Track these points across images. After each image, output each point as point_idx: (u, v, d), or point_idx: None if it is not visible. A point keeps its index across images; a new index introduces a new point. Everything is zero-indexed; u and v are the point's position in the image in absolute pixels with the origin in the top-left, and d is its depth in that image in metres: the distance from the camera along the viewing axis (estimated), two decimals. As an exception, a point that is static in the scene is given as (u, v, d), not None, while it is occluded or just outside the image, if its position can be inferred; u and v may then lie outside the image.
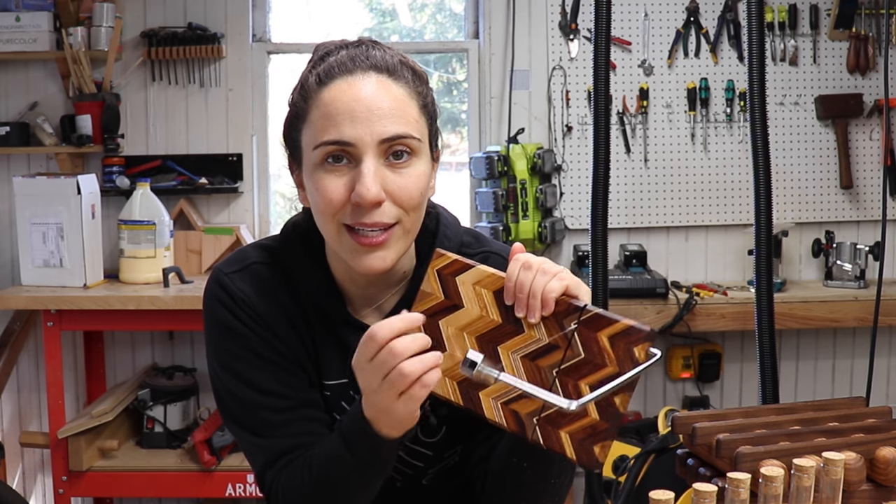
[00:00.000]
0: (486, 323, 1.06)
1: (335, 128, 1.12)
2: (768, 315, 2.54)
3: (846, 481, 1.10)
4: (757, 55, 2.52)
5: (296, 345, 1.24)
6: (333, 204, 1.13)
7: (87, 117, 3.15)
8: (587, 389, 1.00)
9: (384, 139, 1.12)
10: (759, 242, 2.54)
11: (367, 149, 1.12)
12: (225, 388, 1.24)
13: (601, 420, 0.99)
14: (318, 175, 1.14)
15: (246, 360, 1.21)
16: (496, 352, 1.05)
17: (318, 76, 1.16)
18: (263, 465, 1.22)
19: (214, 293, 1.24)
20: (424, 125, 1.19)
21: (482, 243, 1.33)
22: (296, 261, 1.25)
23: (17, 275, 3.12)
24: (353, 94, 1.13)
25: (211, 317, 1.25)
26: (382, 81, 1.15)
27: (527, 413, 1.03)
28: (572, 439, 1.00)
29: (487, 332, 1.06)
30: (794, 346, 3.52)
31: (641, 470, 2.60)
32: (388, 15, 3.71)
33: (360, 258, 1.15)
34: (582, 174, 3.36)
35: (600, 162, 2.51)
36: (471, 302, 1.07)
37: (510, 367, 1.04)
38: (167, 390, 3.10)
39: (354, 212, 1.13)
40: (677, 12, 3.38)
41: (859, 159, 3.44)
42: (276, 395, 1.21)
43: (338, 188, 1.13)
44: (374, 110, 1.12)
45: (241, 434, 1.24)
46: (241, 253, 1.29)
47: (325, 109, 1.14)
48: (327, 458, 1.14)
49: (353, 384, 1.26)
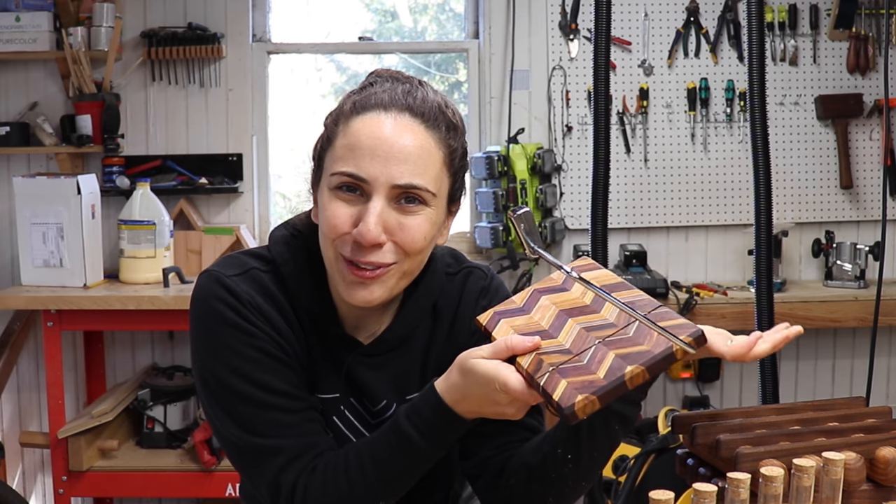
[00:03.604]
0: (576, 302, 1.15)
1: (354, 160, 1.13)
2: (768, 315, 2.55)
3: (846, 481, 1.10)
4: (757, 55, 2.52)
5: (296, 349, 1.24)
6: (336, 230, 1.15)
7: (87, 117, 3.15)
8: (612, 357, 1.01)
9: (396, 185, 1.13)
10: (759, 242, 2.54)
11: (378, 189, 1.13)
12: (230, 392, 1.18)
13: (602, 378, 0.99)
14: (330, 199, 1.15)
15: (256, 360, 1.18)
16: (565, 322, 1.11)
17: (355, 104, 1.17)
18: (278, 469, 1.17)
19: (216, 294, 1.20)
20: (445, 178, 1.19)
21: (461, 262, 1.37)
22: (292, 270, 1.24)
23: (17, 275, 3.12)
24: (379, 132, 1.14)
25: (214, 318, 1.19)
26: (413, 126, 1.15)
27: (548, 363, 1.04)
28: (568, 386, 0.99)
29: (571, 308, 1.13)
30: (794, 346, 3.52)
31: (641, 470, 2.60)
32: (389, 16, 3.71)
33: (350, 289, 1.17)
34: (582, 174, 3.36)
35: (600, 162, 2.51)
36: (579, 289, 1.17)
37: (566, 333, 1.09)
38: (167, 390, 3.10)
39: (354, 247, 1.14)
40: (677, 12, 3.38)
41: (859, 159, 3.44)
42: (288, 396, 1.20)
43: (344, 216, 1.14)
44: (394, 153, 1.13)
45: (245, 439, 1.18)
46: (236, 259, 1.26)
47: (350, 139, 1.15)
48: (392, 453, 1.13)
49: (344, 399, 1.28)
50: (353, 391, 1.28)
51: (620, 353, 1.01)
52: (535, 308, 1.17)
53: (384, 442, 1.14)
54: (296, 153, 3.66)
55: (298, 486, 1.16)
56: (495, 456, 1.27)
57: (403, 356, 1.29)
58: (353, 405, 1.28)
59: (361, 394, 1.28)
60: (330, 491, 1.15)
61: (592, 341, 1.05)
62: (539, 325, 1.12)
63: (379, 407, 1.28)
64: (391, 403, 1.29)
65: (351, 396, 1.28)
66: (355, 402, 1.28)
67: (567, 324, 1.10)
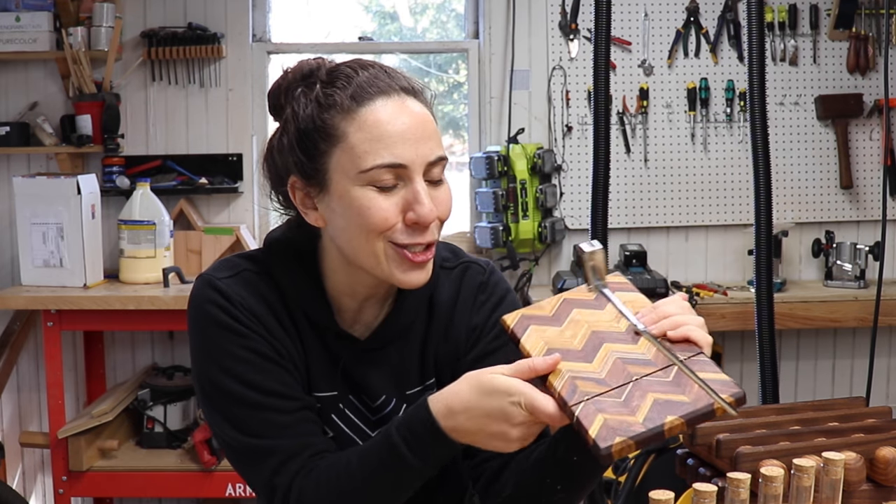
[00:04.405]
0: (610, 326, 1.11)
1: (387, 150, 1.13)
2: (768, 315, 2.54)
3: (846, 481, 1.10)
4: (757, 55, 2.52)
5: (291, 349, 1.24)
6: (388, 222, 1.14)
7: (87, 117, 3.15)
8: (651, 401, 0.99)
9: (430, 161, 1.15)
10: (759, 242, 2.54)
11: (416, 169, 1.14)
12: (224, 393, 1.19)
13: (641, 423, 0.97)
14: (367, 196, 1.13)
15: (248, 361, 1.19)
16: (599, 346, 1.08)
17: (352, 97, 1.14)
18: (272, 471, 1.17)
19: (208, 297, 1.21)
20: None
21: (459, 256, 1.36)
22: (285, 270, 1.24)
23: (17, 275, 3.12)
24: (398, 116, 1.14)
25: (207, 321, 1.20)
26: (415, 103, 1.17)
27: (583, 390, 1.02)
28: (605, 423, 0.97)
29: (604, 332, 1.10)
30: (794, 346, 3.52)
31: (641, 470, 2.60)
32: (389, 18, 3.71)
33: (408, 273, 1.17)
34: (582, 174, 3.36)
35: (600, 162, 2.51)
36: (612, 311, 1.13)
37: (601, 360, 1.06)
38: (167, 390, 3.10)
39: (409, 231, 1.15)
40: (677, 12, 3.38)
41: (859, 159, 3.44)
42: (282, 397, 1.20)
43: (391, 207, 1.14)
44: (419, 133, 1.15)
45: (240, 440, 1.19)
46: (229, 262, 1.27)
47: (371, 131, 1.13)
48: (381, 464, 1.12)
49: (343, 397, 1.27)
50: (352, 388, 1.28)
51: (660, 399, 0.99)
52: (566, 321, 1.14)
53: (375, 453, 1.14)
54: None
55: (293, 488, 1.16)
56: (494, 459, 1.26)
57: (401, 350, 1.29)
58: (353, 402, 1.28)
59: (360, 390, 1.28)
60: (322, 496, 1.15)
61: (629, 377, 1.03)
62: (571, 343, 1.10)
63: (378, 403, 1.28)
64: (390, 399, 1.29)
65: (350, 394, 1.28)
66: (354, 400, 1.28)
67: (602, 349, 1.07)
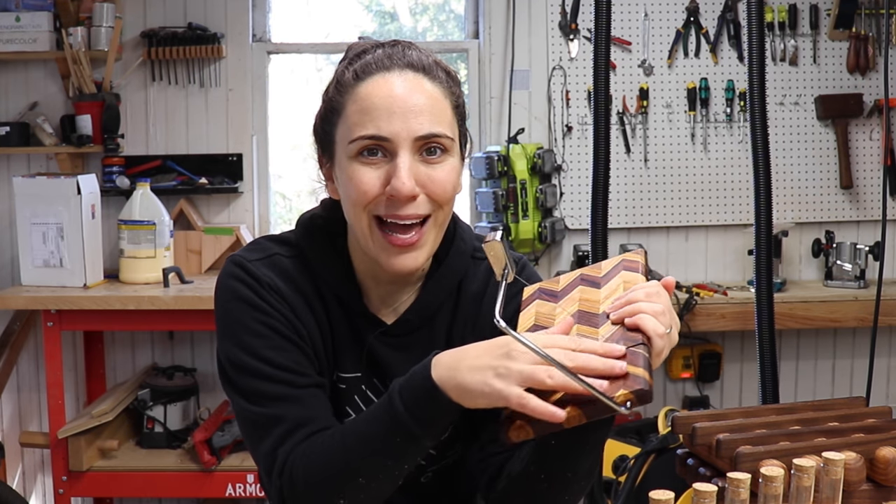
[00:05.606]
0: (593, 307, 1.14)
1: (372, 122, 1.15)
2: (768, 315, 2.54)
3: (846, 481, 1.10)
4: (757, 55, 2.52)
5: (315, 333, 1.25)
6: (368, 195, 1.16)
7: (87, 117, 3.15)
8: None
9: (419, 137, 1.15)
10: (759, 242, 2.54)
11: (402, 144, 1.15)
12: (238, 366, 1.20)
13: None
14: (354, 167, 1.17)
15: (264, 336, 1.20)
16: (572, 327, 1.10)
17: (356, 72, 1.18)
18: (278, 439, 1.16)
19: (236, 275, 1.23)
20: (456, 125, 1.22)
21: None
22: (317, 251, 1.26)
23: (17, 275, 3.12)
24: (390, 90, 1.16)
25: (229, 294, 1.22)
26: (418, 79, 1.18)
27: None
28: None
29: (587, 313, 1.13)
30: (794, 346, 3.52)
31: (641, 470, 2.60)
32: (389, 17, 3.71)
33: (392, 258, 1.18)
34: (582, 174, 3.36)
35: (600, 162, 2.51)
36: (608, 289, 1.16)
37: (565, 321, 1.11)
38: (167, 390, 3.10)
39: (389, 204, 1.16)
40: (677, 12, 3.38)
41: (859, 159, 3.44)
42: (294, 373, 1.20)
43: (372, 180, 1.16)
44: (410, 107, 1.15)
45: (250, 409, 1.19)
46: (261, 244, 1.29)
47: (361, 104, 1.16)
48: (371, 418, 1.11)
49: (367, 379, 1.28)
50: (376, 371, 1.28)
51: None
52: (565, 298, 1.18)
53: (370, 410, 1.14)
54: (296, 153, 3.66)
55: (291, 455, 1.15)
56: (494, 456, 1.27)
57: (426, 337, 1.29)
58: (376, 385, 1.29)
59: (384, 374, 1.28)
60: (316, 457, 1.13)
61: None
62: (552, 321, 1.14)
63: None
64: None
65: (374, 377, 1.28)
66: (378, 383, 1.29)
67: (572, 330, 1.09)
